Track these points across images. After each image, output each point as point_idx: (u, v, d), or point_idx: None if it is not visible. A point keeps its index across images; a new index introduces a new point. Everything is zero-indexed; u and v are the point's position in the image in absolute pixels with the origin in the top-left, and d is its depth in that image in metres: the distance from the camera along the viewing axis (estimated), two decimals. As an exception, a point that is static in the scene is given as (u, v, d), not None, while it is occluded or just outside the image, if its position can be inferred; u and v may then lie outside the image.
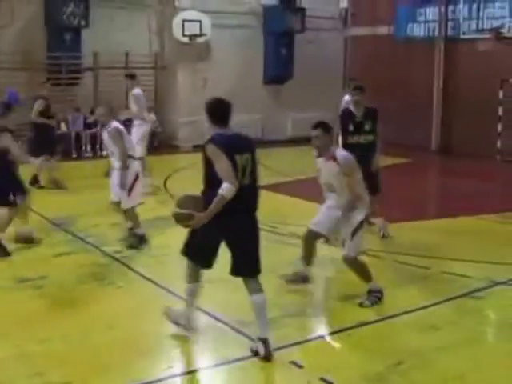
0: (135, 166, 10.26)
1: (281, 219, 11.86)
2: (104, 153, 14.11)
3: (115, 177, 10.05)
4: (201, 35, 21.95)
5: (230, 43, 23.02)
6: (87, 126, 20.36)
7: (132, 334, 6.88)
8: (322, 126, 7.88)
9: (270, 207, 13.35)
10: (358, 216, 7.79)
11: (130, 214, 10.24)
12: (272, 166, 14.46)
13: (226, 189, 6.19)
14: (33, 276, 8.63)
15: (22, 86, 20.01)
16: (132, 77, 14.72)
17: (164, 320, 7.13)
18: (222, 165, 6.30)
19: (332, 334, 7.22)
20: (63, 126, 20.34)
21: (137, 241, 10.24)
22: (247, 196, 6.51)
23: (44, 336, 6.78)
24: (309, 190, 14.79)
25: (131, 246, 10.15)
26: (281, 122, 24.37)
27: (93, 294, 8.15)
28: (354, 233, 7.75)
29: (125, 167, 9.84)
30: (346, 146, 9.78)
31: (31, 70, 20.20)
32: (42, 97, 14.84)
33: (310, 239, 8.38)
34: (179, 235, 10.88)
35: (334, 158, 7.85)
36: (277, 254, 9.81)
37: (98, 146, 19.94)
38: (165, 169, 16.35)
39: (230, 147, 6.42)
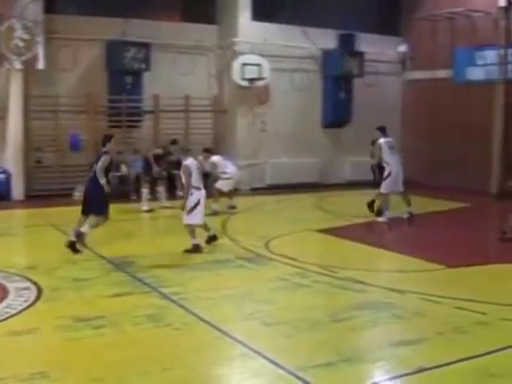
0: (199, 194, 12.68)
1: (340, 263, 11.84)
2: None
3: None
4: (260, 79, 22.15)
5: (288, 87, 23.25)
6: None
7: (187, 376, 6.86)
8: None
9: (329, 251, 13.37)
10: None
11: (188, 229, 12.68)
12: (330, 209, 14.40)
13: None
14: (90, 315, 8.71)
15: (84, 129, 20.51)
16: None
17: (219, 362, 7.15)
18: None
19: (388, 380, 7.06)
20: (123, 168, 20.59)
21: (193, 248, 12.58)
22: None
23: (99, 375, 6.78)
24: (367, 234, 14.76)
25: (187, 251, 12.53)
26: (339, 165, 24.39)
27: (149, 336, 8.15)
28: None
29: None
30: None
31: (92, 113, 20.62)
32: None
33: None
34: (237, 278, 10.95)
35: None
36: (336, 298, 9.87)
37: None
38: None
39: None
